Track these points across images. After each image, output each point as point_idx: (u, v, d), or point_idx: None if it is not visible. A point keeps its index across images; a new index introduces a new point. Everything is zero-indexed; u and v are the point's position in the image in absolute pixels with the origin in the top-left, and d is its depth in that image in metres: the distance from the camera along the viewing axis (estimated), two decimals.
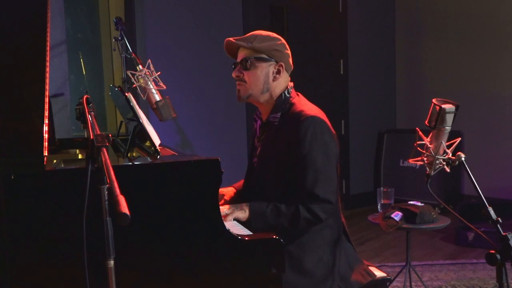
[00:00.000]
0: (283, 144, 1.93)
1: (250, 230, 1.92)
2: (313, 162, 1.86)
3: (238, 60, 2.03)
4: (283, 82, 2.02)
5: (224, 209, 1.89)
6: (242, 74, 2.01)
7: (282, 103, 2.00)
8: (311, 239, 1.93)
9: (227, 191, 2.22)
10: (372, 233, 4.53)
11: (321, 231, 1.94)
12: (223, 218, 1.71)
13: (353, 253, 2.03)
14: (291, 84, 2.05)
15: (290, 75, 2.09)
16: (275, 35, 2.03)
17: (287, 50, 2.03)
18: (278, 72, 1.99)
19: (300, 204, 1.86)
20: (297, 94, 2.06)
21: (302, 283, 1.86)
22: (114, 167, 1.18)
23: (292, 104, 1.99)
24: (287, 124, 1.95)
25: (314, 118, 1.89)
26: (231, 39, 2.03)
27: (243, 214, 1.90)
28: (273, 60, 1.98)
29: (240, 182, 2.31)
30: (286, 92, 2.01)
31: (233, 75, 2.03)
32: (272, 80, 1.99)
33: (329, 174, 1.89)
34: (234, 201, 2.15)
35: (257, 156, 2.09)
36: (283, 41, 2.03)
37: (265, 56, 1.98)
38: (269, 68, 1.99)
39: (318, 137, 1.87)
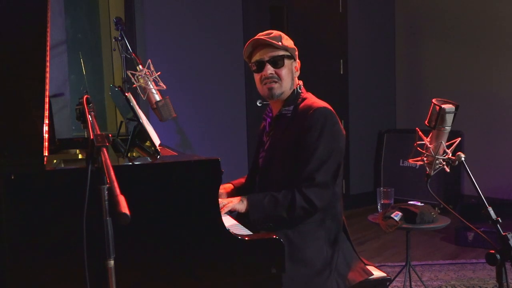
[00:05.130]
0: (293, 134, 1.99)
1: (251, 226, 1.92)
2: (319, 150, 1.92)
3: (266, 59, 2.04)
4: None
5: (221, 201, 1.90)
6: (274, 72, 2.05)
7: (295, 97, 2.08)
8: (313, 229, 1.95)
9: (225, 188, 2.25)
10: (372, 233, 4.53)
11: (323, 223, 1.97)
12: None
13: (351, 252, 2.04)
14: (301, 82, 2.14)
15: None
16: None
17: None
18: (297, 69, 2.11)
19: (297, 191, 1.89)
20: (306, 91, 2.14)
21: (300, 272, 1.87)
22: (114, 167, 1.18)
23: (304, 99, 2.07)
24: (298, 115, 2.02)
25: (325, 109, 1.98)
26: (262, 37, 2.04)
27: (241, 205, 1.92)
28: (293, 58, 2.09)
29: (239, 180, 2.33)
30: (298, 88, 2.10)
31: (268, 72, 2.03)
32: (295, 76, 2.10)
33: (331, 164, 1.94)
34: (231, 197, 2.16)
35: (265, 151, 2.13)
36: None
37: (289, 54, 2.06)
38: (292, 65, 2.08)
39: (327, 127, 1.94)
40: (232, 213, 2.05)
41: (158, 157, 1.78)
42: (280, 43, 2.03)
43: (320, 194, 1.90)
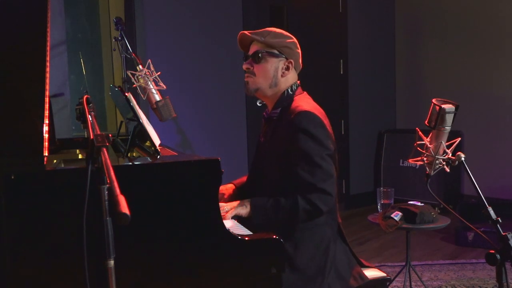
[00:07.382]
0: (278, 139, 1.97)
1: (251, 226, 1.92)
2: (308, 155, 1.87)
3: (250, 53, 2.05)
4: (291, 79, 2.07)
5: (224, 206, 1.90)
6: (252, 67, 2.03)
7: (285, 99, 2.04)
8: (304, 236, 1.93)
9: (226, 188, 2.24)
10: (372, 233, 4.53)
11: (315, 228, 1.94)
12: (223, 215, 1.71)
13: (347, 255, 2.01)
14: (298, 82, 2.09)
15: None
16: (288, 34, 2.07)
17: (298, 49, 2.07)
18: (287, 68, 2.04)
19: (300, 196, 1.87)
20: (302, 92, 2.09)
21: (293, 279, 1.86)
22: (114, 167, 1.18)
23: (292, 101, 2.03)
24: (283, 119, 1.99)
25: (306, 113, 1.92)
26: (246, 32, 2.05)
27: (245, 210, 1.91)
28: (283, 56, 2.03)
29: (241, 179, 2.33)
30: (289, 89, 2.05)
31: (244, 67, 2.05)
32: (281, 75, 2.04)
33: (325, 167, 1.89)
34: (233, 198, 2.17)
35: (258, 151, 2.14)
36: (295, 40, 2.07)
37: (276, 51, 2.02)
38: (279, 63, 2.03)
39: (310, 131, 1.89)
40: None
41: (158, 157, 1.78)
42: (262, 38, 2.00)
43: (323, 198, 1.87)
